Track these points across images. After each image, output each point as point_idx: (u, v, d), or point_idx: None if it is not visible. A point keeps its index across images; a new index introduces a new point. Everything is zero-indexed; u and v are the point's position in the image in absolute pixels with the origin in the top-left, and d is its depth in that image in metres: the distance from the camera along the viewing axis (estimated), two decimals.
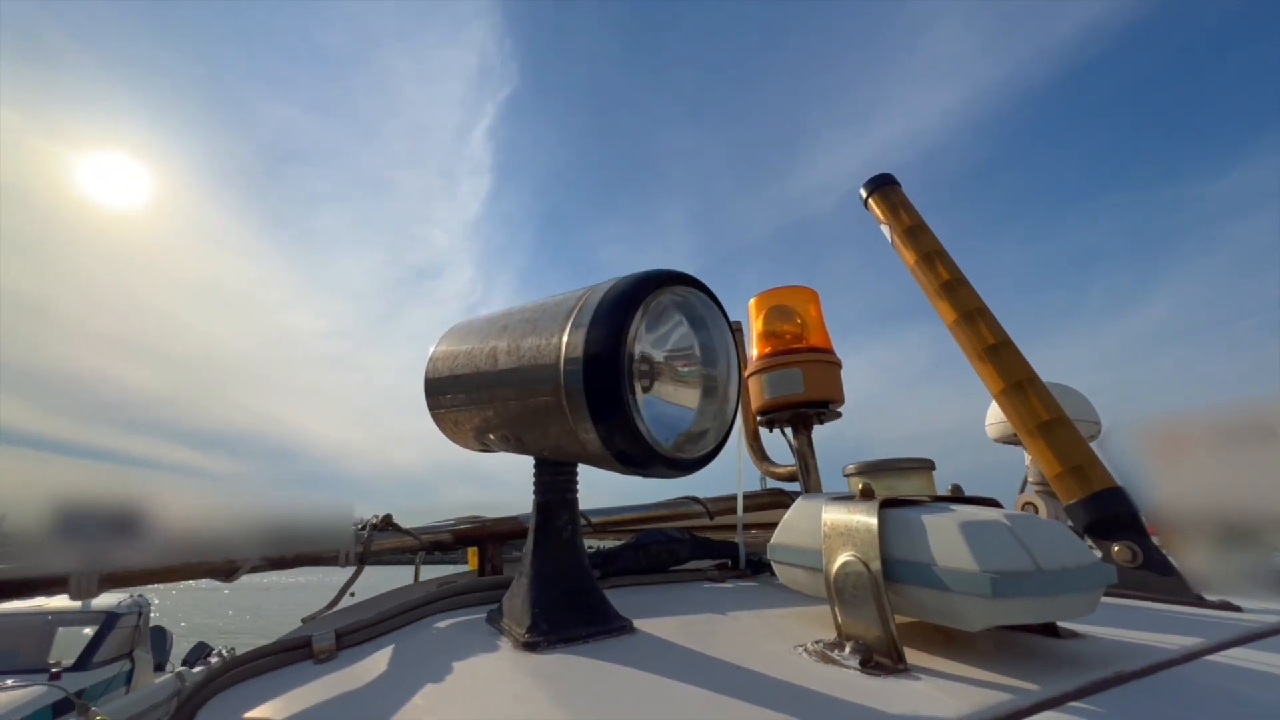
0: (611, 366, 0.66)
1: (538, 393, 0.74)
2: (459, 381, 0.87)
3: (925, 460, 1.13)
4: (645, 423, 0.69)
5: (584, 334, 0.68)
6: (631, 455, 0.69)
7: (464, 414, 0.87)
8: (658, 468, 0.72)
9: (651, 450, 0.69)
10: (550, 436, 0.76)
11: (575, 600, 0.75)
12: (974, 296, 1.40)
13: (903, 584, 0.64)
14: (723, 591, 1.01)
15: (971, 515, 0.65)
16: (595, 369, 0.67)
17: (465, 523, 1.13)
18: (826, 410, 1.36)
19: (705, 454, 0.78)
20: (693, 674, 0.61)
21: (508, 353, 0.80)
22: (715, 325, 0.81)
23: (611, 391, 0.66)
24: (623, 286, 0.71)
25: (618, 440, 0.68)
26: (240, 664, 0.76)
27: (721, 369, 0.82)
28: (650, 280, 0.72)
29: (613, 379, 0.66)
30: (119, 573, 0.86)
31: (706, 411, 0.80)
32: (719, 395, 0.81)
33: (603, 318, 0.68)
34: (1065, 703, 0.54)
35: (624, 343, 0.67)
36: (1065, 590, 0.61)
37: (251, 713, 0.65)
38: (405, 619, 0.85)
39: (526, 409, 0.77)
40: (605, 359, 0.67)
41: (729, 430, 0.81)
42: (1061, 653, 0.67)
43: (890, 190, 1.62)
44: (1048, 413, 1.20)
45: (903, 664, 0.61)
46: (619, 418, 0.66)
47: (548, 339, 0.74)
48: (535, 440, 0.79)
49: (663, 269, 0.75)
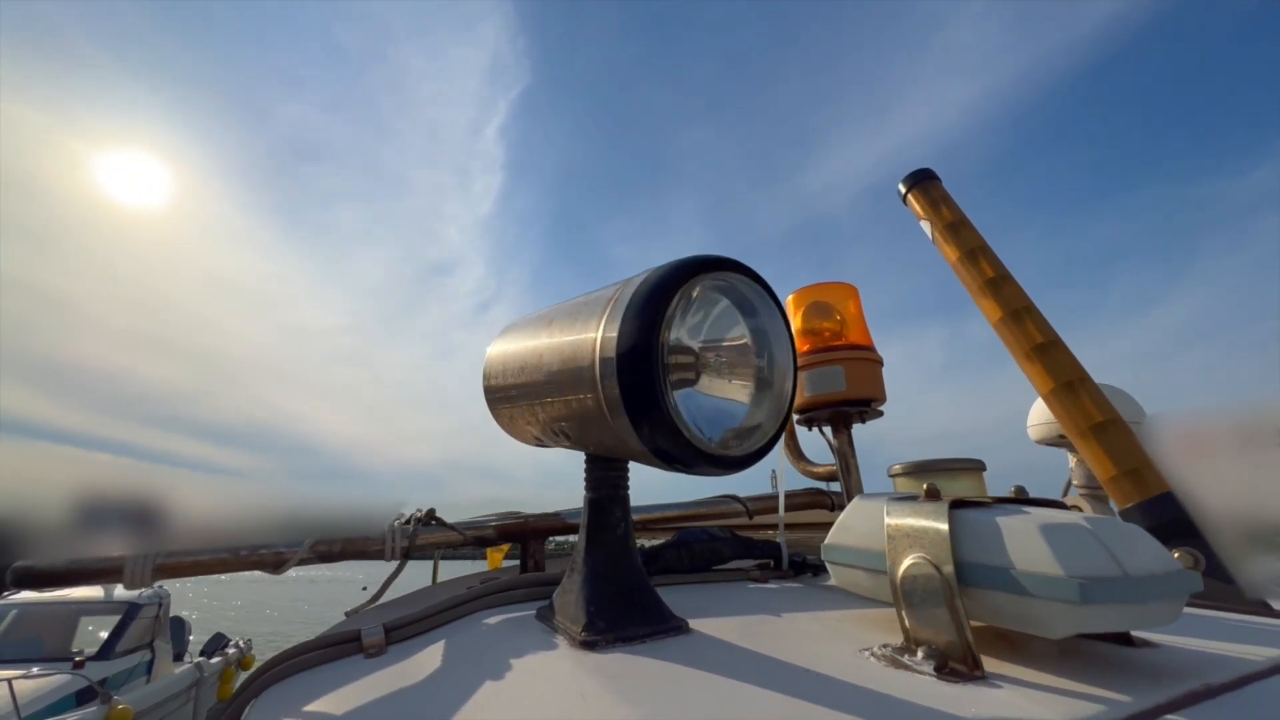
0: (646, 363, 0.64)
1: (578, 391, 0.72)
2: (510, 380, 0.86)
3: (975, 461, 1.10)
4: (686, 420, 0.67)
5: (618, 329, 0.66)
6: (674, 454, 0.67)
7: (517, 410, 0.86)
8: (703, 466, 0.70)
9: (695, 449, 0.67)
10: (594, 434, 0.74)
11: (630, 599, 0.73)
12: (1020, 294, 1.36)
13: (976, 588, 0.62)
14: (769, 592, 0.99)
15: (1050, 517, 0.62)
16: (629, 366, 0.64)
17: (507, 518, 1.12)
18: (868, 409, 1.34)
19: (755, 450, 0.74)
20: (760, 676, 0.59)
21: (550, 350, 0.79)
22: (766, 312, 0.78)
23: (647, 390, 0.64)
24: (658, 276, 0.68)
25: (658, 440, 0.66)
26: (290, 657, 0.76)
27: (774, 359, 0.78)
28: (688, 267, 0.69)
29: (648, 377, 0.64)
30: (171, 564, 0.86)
31: (759, 405, 0.78)
32: (772, 388, 0.78)
33: (636, 311, 0.66)
34: (1160, 715, 0.51)
35: (659, 337, 0.64)
36: (1152, 597, 0.58)
37: (309, 706, 0.64)
38: (453, 614, 0.84)
39: (569, 408, 0.75)
40: (639, 355, 0.64)
41: (783, 425, 0.78)
42: (1140, 663, 0.64)
43: (930, 185, 1.59)
44: (1101, 414, 1.17)
45: (980, 671, 0.59)
46: (656, 416, 0.64)
47: (584, 335, 0.72)
48: (582, 437, 0.78)
49: (704, 255, 0.71)
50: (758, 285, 0.76)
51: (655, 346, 0.64)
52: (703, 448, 0.67)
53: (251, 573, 0.98)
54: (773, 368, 0.78)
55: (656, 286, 0.67)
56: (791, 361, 0.79)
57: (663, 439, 0.66)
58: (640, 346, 0.64)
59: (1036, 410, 1.69)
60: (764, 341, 0.78)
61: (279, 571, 0.92)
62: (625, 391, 0.65)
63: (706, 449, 0.68)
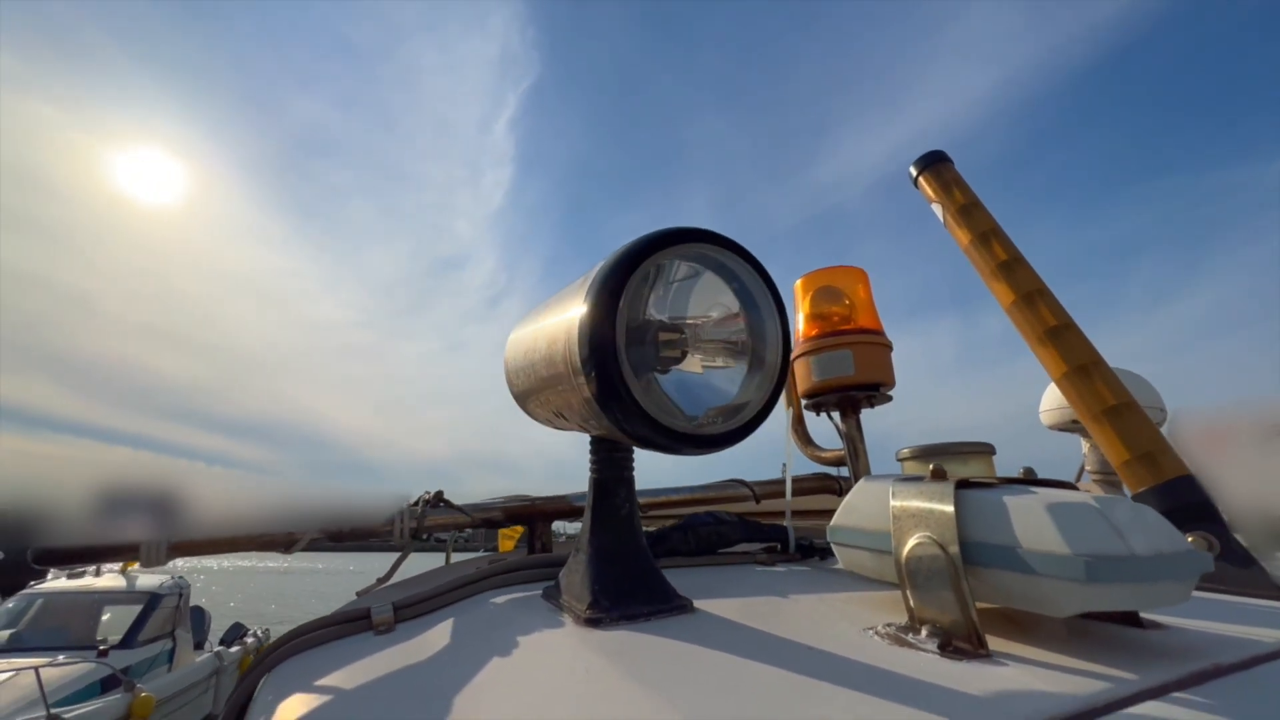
0: (609, 346, 0.63)
1: (562, 376, 0.72)
2: (519, 364, 0.86)
3: (985, 445, 1.09)
4: (668, 401, 0.66)
5: (584, 311, 0.65)
6: (647, 438, 0.67)
7: (528, 394, 0.86)
8: (681, 447, 0.69)
9: (669, 431, 0.66)
10: (581, 418, 0.74)
11: (635, 578, 0.74)
12: (1034, 277, 1.34)
13: (982, 567, 0.61)
14: (775, 575, 0.99)
15: (1057, 497, 0.62)
16: (594, 350, 0.63)
17: (515, 501, 1.13)
18: (877, 394, 1.33)
19: (737, 427, 0.72)
20: (763, 653, 0.59)
21: (542, 334, 0.79)
22: (752, 283, 0.75)
23: (608, 374, 0.63)
24: (623, 249, 0.66)
25: (630, 425, 0.65)
26: (302, 634, 0.77)
27: (762, 331, 0.76)
28: (654, 241, 0.67)
29: (610, 360, 0.63)
30: (185, 543, 0.87)
31: (748, 380, 0.76)
32: (763, 362, 0.76)
33: (599, 288, 0.64)
34: (1166, 693, 0.51)
35: (617, 319, 0.63)
36: (1160, 577, 0.57)
37: (320, 680, 0.65)
38: (461, 594, 0.85)
39: (558, 394, 0.75)
40: (600, 339, 0.63)
41: (772, 400, 0.75)
42: (1148, 643, 0.64)
43: (943, 167, 1.57)
44: (1115, 397, 1.15)
45: (984, 649, 0.58)
46: (622, 403, 0.63)
47: (562, 318, 0.71)
48: (578, 421, 0.77)
49: (676, 227, 0.69)
50: (737, 256, 0.73)
51: (615, 329, 0.63)
52: (677, 428, 0.66)
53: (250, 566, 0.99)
54: (761, 340, 0.76)
55: (622, 260, 0.65)
56: (781, 335, 0.76)
57: (631, 423, 0.65)
58: (602, 330, 0.63)
59: (1049, 395, 1.67)
60: (752, 314, 0.76)
61: (290, 551, 0.94)
62: (591, 377, 0.64)
63: (682, 429, 0.67)
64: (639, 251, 0.66)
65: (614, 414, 0.65)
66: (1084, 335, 1.25)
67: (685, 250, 0.70)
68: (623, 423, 0.65)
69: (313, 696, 0.61)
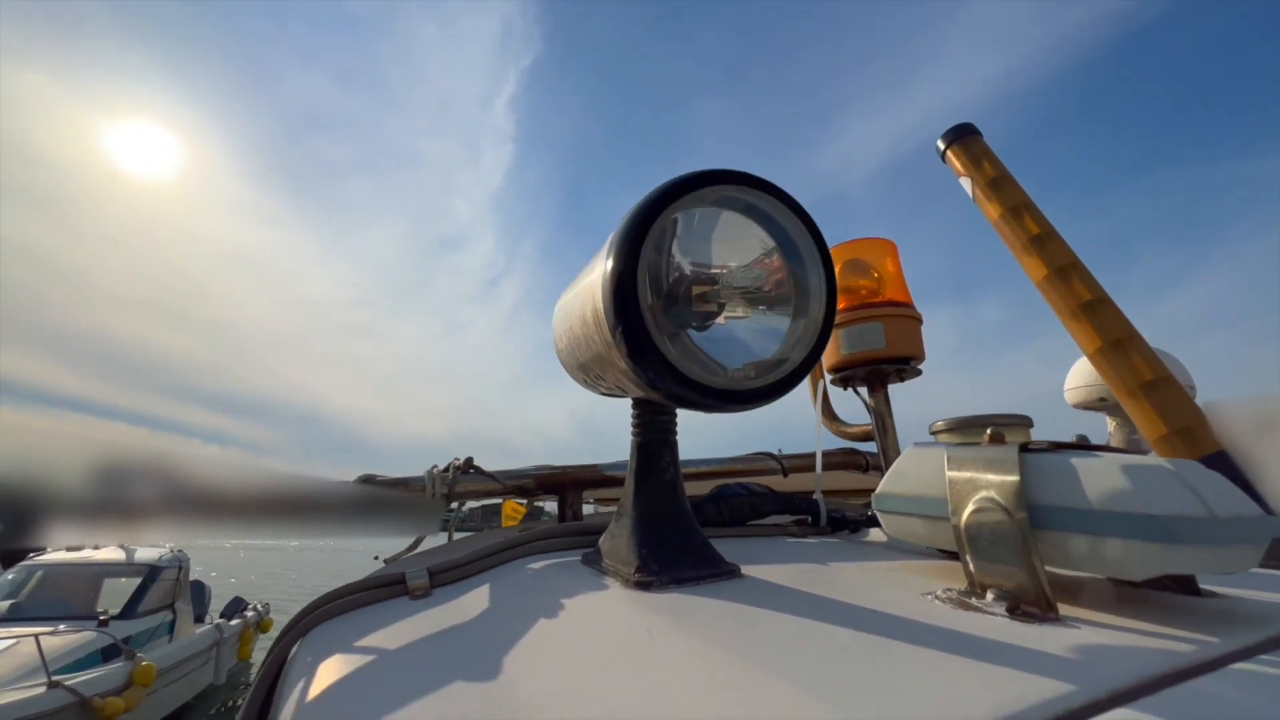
0: (633, 302, 0.60)
1: (594, 337, 0.69)
2: (560, 331, 0.84)
3: (1023, 416, 1.07)
4: (692, 359, 0.64)
5: (607, 267, 0.62)
6: (685, 397, 0.64)
7: (570, 361, 0.84)
8: (723, 405, 0.66)
9: (706, 389, 0.63)
10: (618, 379, 0.71)
11: (681, 542, 0.72)
12: (1066, 251, 1.31)
13: (1050, 531, 0.60)
14: (810, 546, 0.97)
15: (1129, 459, 0.60)
16: (619, 307, 0.60)
17: (545, 469, 1.11)
18: (907, 368, 1.31)
19: (779, 380, 0.68)
20: (826, 616, 0.58)
21: (575, 299, 0.76)
22: (792, 228, 0.71)
23: (635, 332, 0.60)
24: (643, 199, 0.63)
25: (664, 384, 0.62)
26: (335, 599, 0.75)
27: (805, 281, 0.72)
28: (680, 184, 0.63)
29: (635, 317, 0.60)
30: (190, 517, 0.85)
31: (790, 333, 0.72)
32: (803, 310, 0.72)
33: (620, 241, 0.62)
34: (1251, 656, 0.49)
35: (639, 270, 0.60)
36: (1238, 540, 0.56)
37: (359, 642, 0.63)
38: (496, 560, 0.83)
39: (594, 356, 0.73)
40: (623, 295, 0.60)
41: (815, 354, 0.71)
42: (1214, 610, 0.62)
43: (972, 140, 1.53)
44: (1152, 372, 1.13)
45: (1054, 612, 0.57)
46: (652, 361, 0.61)
47: (589, 279, 0.69)
48: (617, 382, 0.75)
49: (700, 170, 0.65)
50: (775, 198, 0.69)
51: (639, 281, 0.60)
52: (714, 384, 0.63)
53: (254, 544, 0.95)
54: (804, 288, 0.72)
55: (637, 213, 0.62)
56: (825, 286, 0.71)
57: (665, 382, 0.62)
58: (624, 282, 0.60)
59: (1075, 373, 1.65)
60: (794, 264, 0.72)
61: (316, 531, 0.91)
62: (619, 335, 0.61)
63: (721, 385, 0.64)
64: (659, 199, 0.63)
65: (646, 373, 0.62)
66: (1119, 310, 1.23)
67: (713, 194, 0.66)
68: (655, 381, 0.63)
69: (353, 658, 0.59)
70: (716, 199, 0.68)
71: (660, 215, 0.63)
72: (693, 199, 0.65)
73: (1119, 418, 1.60)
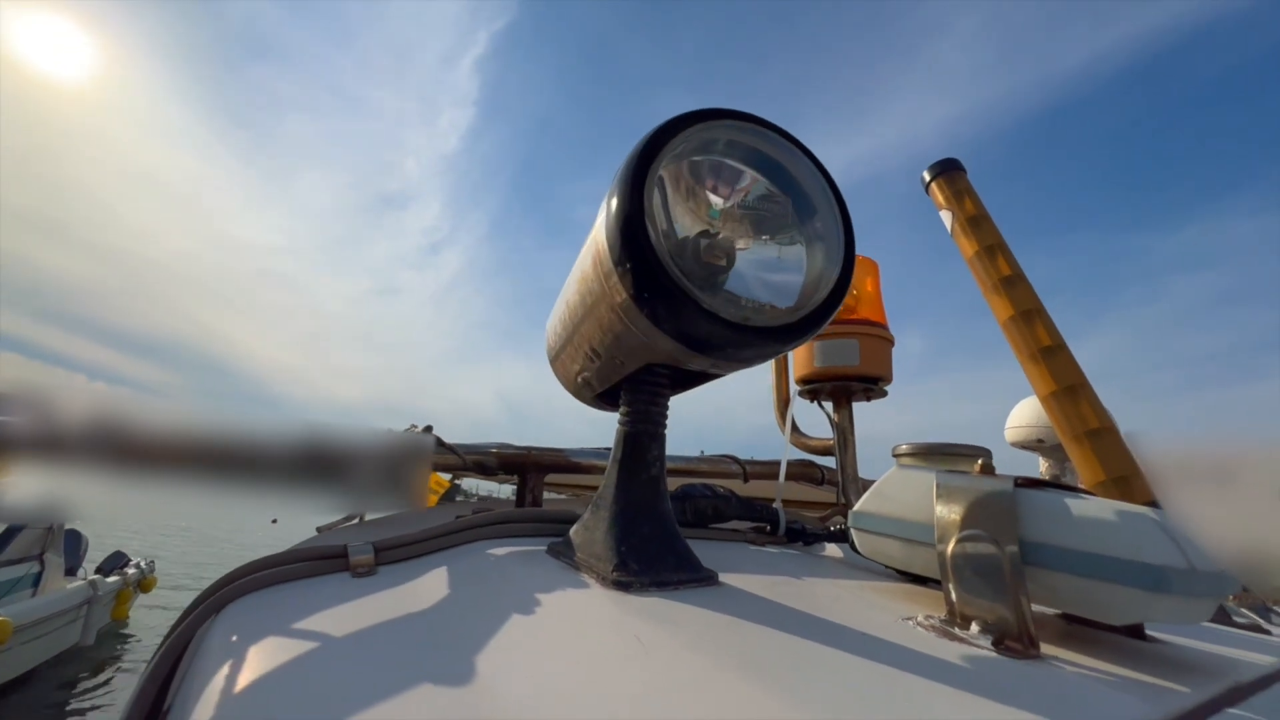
0: (640, 229, 0.56)
1: (595, 292, 0.64)
2: (553, 323, 0.78)
3: (981, 448, 1.10)
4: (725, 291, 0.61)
5: (611, 207, 0.59)
6: (706, 339, 0.59)
7: (565, 352, 0.78)
8: (751, 344, 0.61)
9: (728, 323, 0.58)
10: (623, 346, 0.66)
11: (662, 543, 0.68)
12: (1032, 295, 1.37)
13: (1037, 568, 0.60)
14: (771, 555, 0.96)
15: (1118, 505, 0.61)
16: (625, 237, 0.56)
17: (508, 448, 1.04)
18: (875, 388, 1.32)
19: (813, 312, 0.63)
20: (814, 635, 0.55)
21: (572, 275, 0.71)
22: (791, 161, 0.68)
23: (644, 258, 0.56)
24: (640, 142, 0.60)
25: (681, 321, 0.58)
26: (260, 569, 0.67)
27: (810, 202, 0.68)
28: (676, 121, 0.60)
29: (644, 243, 0.56)
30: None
31: (810, 262, 0.68)
32: (822, 238, 0.68)
33: (622, 179, 0.58)
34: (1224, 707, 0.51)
35: (645, 199, 0.56)
36: (1209, 593, 0.57)
37: (291, 623, 0.55)
38: (451, 540, 0.76)
39: (592, 319, 0.68)
40: (630, 223, 0.56)
41: (846, 276, 0.66)
42: (1170, 657, 0.65)
43: (955, 176, 1.57)
44: (1098, 421, 1.19)
45: (1035, 649, 0.57)
46: (665, 291, 0.56)
47: (590, 239, 0.65)
48: (617, 356, 0.70)
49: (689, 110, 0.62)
50: (773, 132, 0.67)
51: (645, 209, 0.56)
52: (738, 319, 0.58)
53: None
54: (808, 214, 0.68)
55: (637, 152, 0.59)
56: (836, 210, 0.67)
57: (681, 318, 0.57)
58: (630, 211, 0.56)
59: (1017, 414, 1.74)
60: (798, 195, 0.69)
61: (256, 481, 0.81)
62: (626, 270, 0.57)
63: (755, 323, 0.60)
64: (664, 129, 0.60)
65: (657, 309, 0.57)
66: (1074, 358, 1.29)
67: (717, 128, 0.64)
68: (668, 320, 0.57)
69: (284, 641, 0.51)
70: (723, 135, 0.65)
71: (666, 146, 0.59)
72: (703, 130, 0.62)
73: (1051, 459, 1.69)
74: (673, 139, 0.60)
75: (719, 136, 0.66)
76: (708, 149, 0.67)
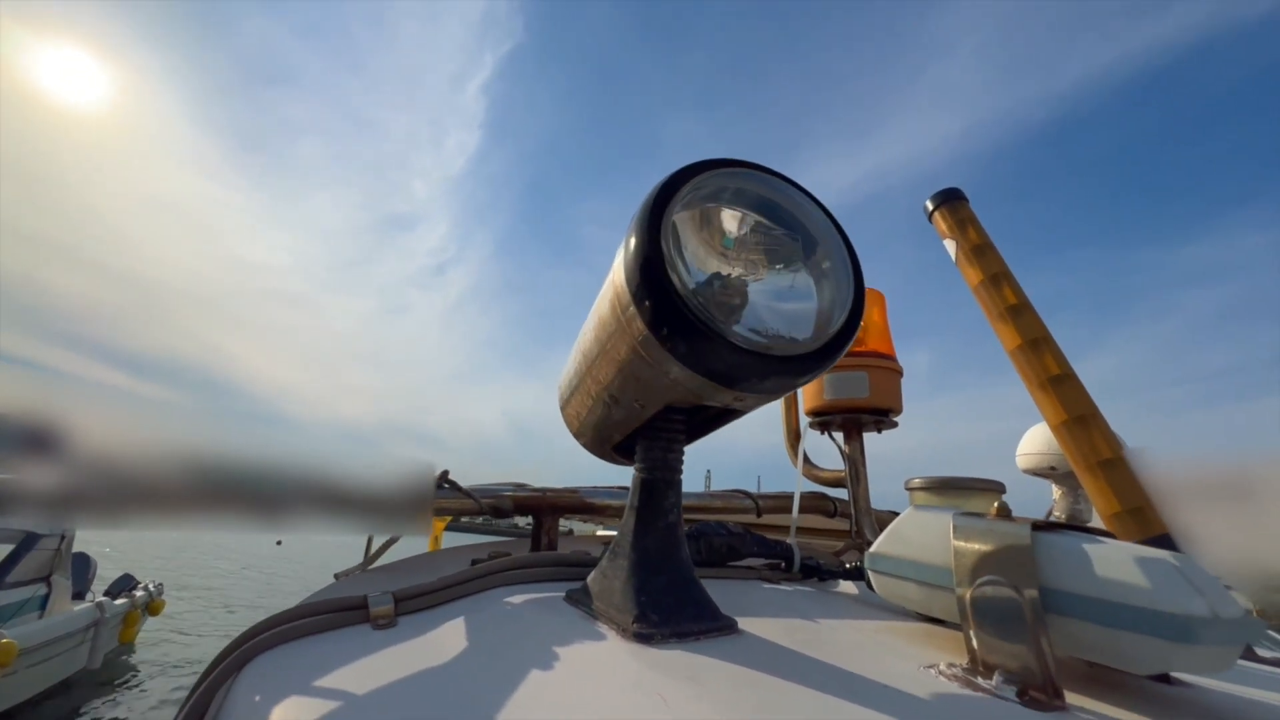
0: (658, 260, 0.57)
1: (611, 328, 0.65)
2: (567, 371, 0.79)
3: (996, 482, 1.09)
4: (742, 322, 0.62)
5: (629, 246, 0.60)
6: (727, 371, 0.59)
7: (578, 397, 0.79)
8: (772, 375, 0.61)
9: (750, 353, 0.58)
10: (639, 384, 0.67)
11: (680, 591, 0.68)
12: (1039, 324, 1.37)
13: (1059, 615, 0.60)
14: (787, 594, 0.96)
15: (1140, 550, 0.61)
16: (643, 271, 0.57)
17: (522, 489, 1.04)
18: (885, 419, 1.33)
19: (832, 339, 0.63)
20: (836, 688, 0.55)
21: (589, 320, 0.72)
22: (787, 199, 0.69)
23: (663, 288, 0.56)
24: (654, 189, 0.62)
25: (702, 354, 0.58)
26: (281, 623, 0.67)
27: (806, 231, 0.69)
28: (688, 169, 0.62)
29: (662, 274, 0.57)
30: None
31: (820, 291, 0.68)
32: (826, 273, 0.68)
33: (639, 221, 0.60)
34: None
35: (664, 243, 0.57)
36: (1234, 641, 0.57)
37: (314, 680, 0.56)
38: (469, 588, 0.76)
39: (609, 359, 0.69)
40: (648, 257, 0.57)
41: (859, 305, 0.66)
42: (1197, 703, 0.64)
43: (958, 205, 1.59)
44: (1110, 451, 1.19)
45: (1060, 701, 0.56)
46: (685, 321, 0.56)
47: (607, 281, 0.66)
48: (633, 394, 0.70)
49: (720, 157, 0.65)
50: (769, 175, 0.68)
51: (663, 243, 0.57)
52: (754, 348, 0.58)
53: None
54: (816, 255, 0.69)
55: (653, 196, 0.61)
56: (842, 243, 0.68)
57: (702, 351, 0.57)
58: (647, 247, 0.57)
59: (1029, 440, 1.73)
60: (797, 230, 0.70)
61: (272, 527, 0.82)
62: (645, 306, 0.57)
63: (777, 351, 0.60)
64: (680, 174, 0.62)
65: (677, 341, 0.57)
66: (1084, 387, 1.29)
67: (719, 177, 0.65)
68: (688, 352, 0.57)
69: (305, 700, 0.52)
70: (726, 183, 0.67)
71: (679, 192, 0.61)
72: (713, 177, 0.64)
73: (1064, 487, 1.67)
74: (687, 183, 0.62)
75: (727, 185, 0.68)
76: (717, 197, 0.69)
